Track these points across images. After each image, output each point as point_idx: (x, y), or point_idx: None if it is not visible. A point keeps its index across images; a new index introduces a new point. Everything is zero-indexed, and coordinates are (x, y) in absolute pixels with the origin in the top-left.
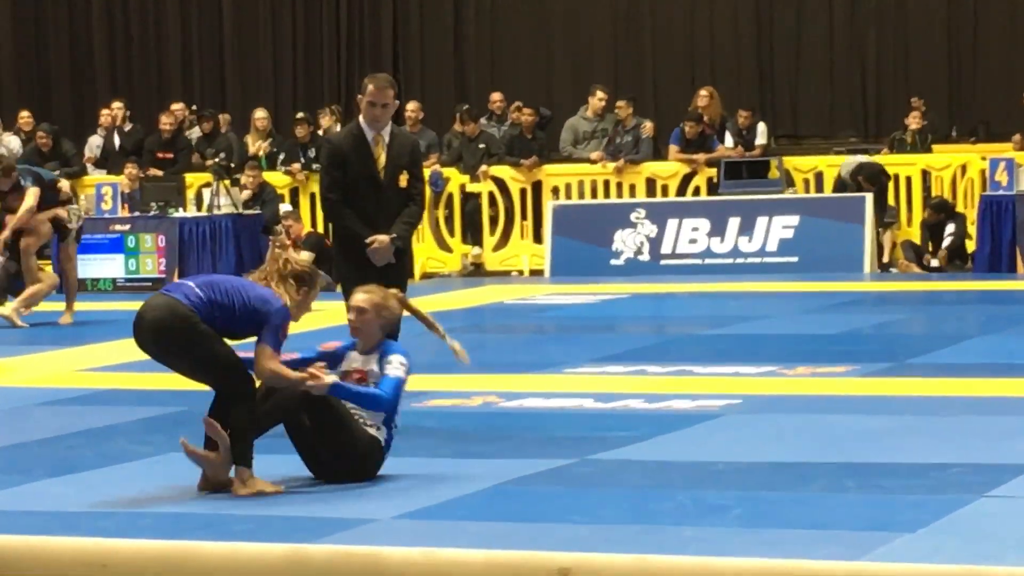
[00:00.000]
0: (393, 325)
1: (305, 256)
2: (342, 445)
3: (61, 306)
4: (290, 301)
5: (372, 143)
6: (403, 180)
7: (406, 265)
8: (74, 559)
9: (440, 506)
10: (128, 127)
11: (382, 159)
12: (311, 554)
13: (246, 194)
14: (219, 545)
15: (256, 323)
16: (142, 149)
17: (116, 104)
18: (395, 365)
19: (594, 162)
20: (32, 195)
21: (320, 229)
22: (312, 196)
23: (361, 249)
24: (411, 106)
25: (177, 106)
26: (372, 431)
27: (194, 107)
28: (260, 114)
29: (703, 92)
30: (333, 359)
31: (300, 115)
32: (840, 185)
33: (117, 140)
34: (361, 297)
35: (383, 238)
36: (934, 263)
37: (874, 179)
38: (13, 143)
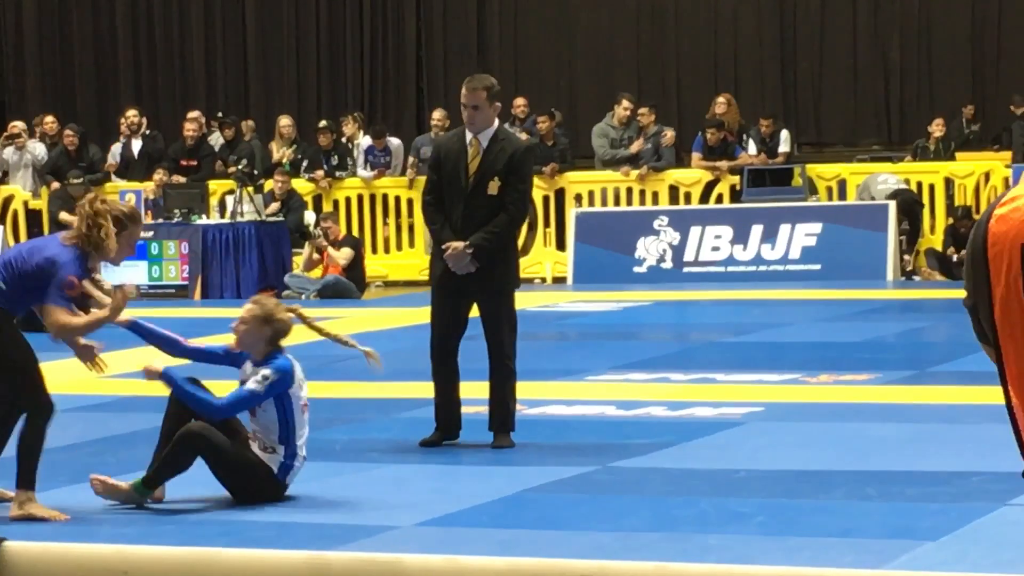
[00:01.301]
0: (283, 336)
1: (345, 252)
2: (226, 473)
3: None
4: (104, 243)
5: (468, 147)
6: (493, 187)
7: (497, 274)
8: (96, 566)
9: (461, 513)
10: (147, 134)
11: (474, 164)
12: (332, 561)
13: (274, 206)
14: (241, 552)
15: (45, 282)
16: (162, 156)
17: (131, 112)
18: (257, 378)
19: (626, 172)
20: None
21: (355, 232)
22: (335, 203)
23: None
24: (437, 114)
25: (199, 113)
26: (263, 454)
27: (219, 114)
28: (285, 121)
29: (721, 99)
30: (237, 360)
31: (323, 123)
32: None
33: (136, 147)
34: (246, 307)
35: (456, 245)
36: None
37: (909, 209)
38: (38, 150)
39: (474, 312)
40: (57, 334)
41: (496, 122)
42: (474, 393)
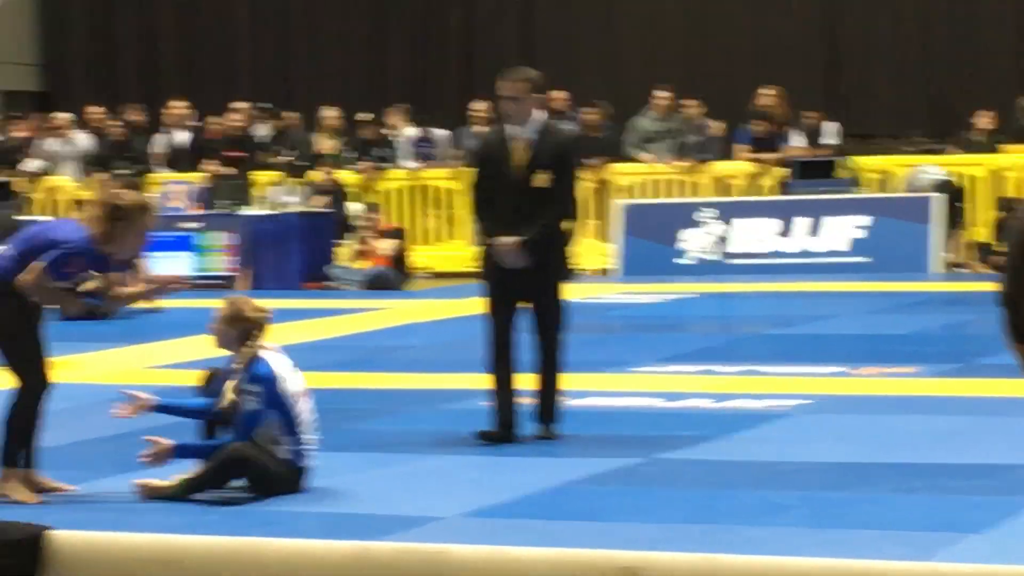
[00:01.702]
0: (254, 333)
1: (390, 243)
2: (264, 487)
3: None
4: (107, 234)
5: (510, 140)
6: (541, 180)
7: (548, 267)
8: (141, 555)
9: (506, 504)
10: (192, 125)
11: (520, 157)
12: (378, 551)
13: (321, 200)
14: (287, 542)
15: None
16: (206, 148)
17: (179, 103)
18: (250, 398)
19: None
20: None
21: (400, 223)
22: (380, 194)
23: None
24: (479, 106)
25: (245, 105)
26: (283, 453)
27: (259, 105)
28: (330, 112)
29: (768, 92)
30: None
31: (366, 116)
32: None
33: (182, 138)
34: (214, 310)
35: (505, 240)
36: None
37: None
38: (84, 141)
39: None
40: (25, 289)
41: (541, 115)
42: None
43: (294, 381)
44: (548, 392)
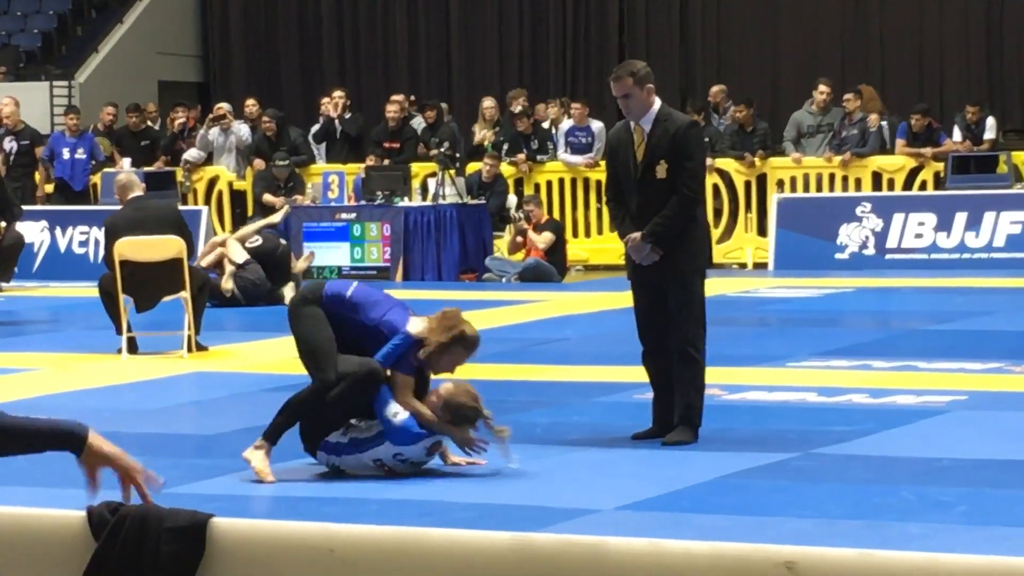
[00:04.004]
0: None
1: (546, 236)
2: None
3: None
4: (434, 345)
5: (633, 135)
6: (661, 170)
7: (679, 259)
8: (302, 543)
9: (662, 498)
10: (347, 117)
11: (640, 151)
12: (536, 542)
13: (493, 203)
14: (445, 532)
15: (378, 342)
16: (362, 138)
17: (337, 93)
18: (389, 412)
19: (828, 158)
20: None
21: (556, 217)
22: (536, 186)
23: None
24: None
25: (402, 96)
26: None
27: (411, 97)
28: (488, 103)
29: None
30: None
31: (520, 108)
32: None
33: (338, 129)
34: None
35: (634, 236)
36: None
37: None
38: (243, 131)
39: None
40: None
41: (657, 104)
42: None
43: None
44: (682, 392)
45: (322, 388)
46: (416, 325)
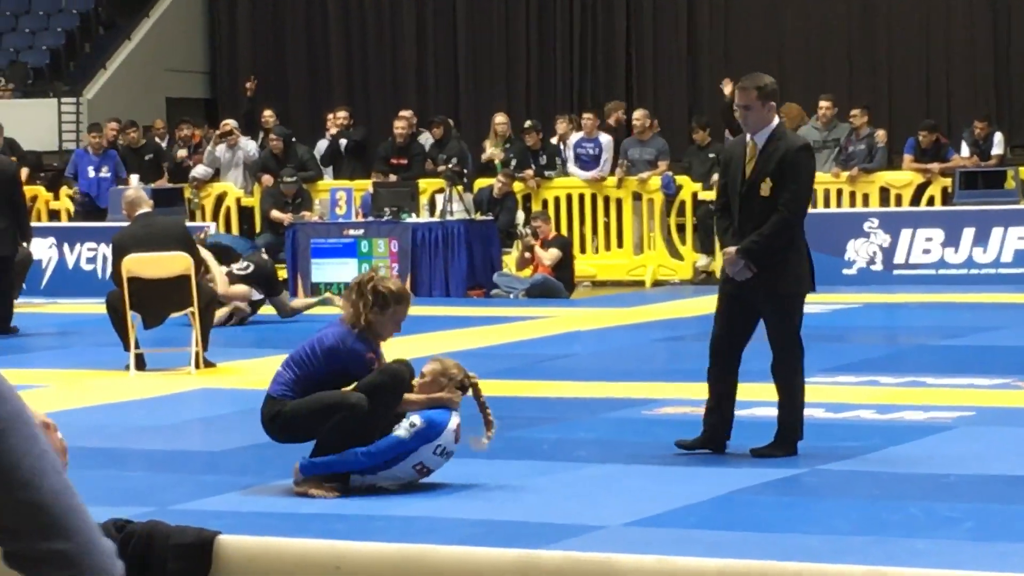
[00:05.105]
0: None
1: (552, 253)
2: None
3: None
4: (365, 319)
5: (747, 149)
6: (765, 188)
7: (774, 279)
8: (308, 561)
9: (669, 514)
10: (350, 131)
11: (750, 166)
12: (543, 559)
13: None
14: (451, 549)
15: (343, 373)
16: (367, 145)
17: (341, 113)
18: (403, 426)
19: (836, 174)
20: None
21: (564, 232)
22: (544, 202)
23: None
24: (636, 114)
25: (410, 113)
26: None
27: (408, 114)
28: (500, 119)
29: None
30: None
31: (529, 123)
32: None
33: (343, 146)
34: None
35: (727, 249)
36: None
37: None
38: (250, 147)
39: None
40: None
41: (775, 122)
42: (674, 394)
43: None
44: (783, 410)
45: (357, 412)
46: (340, 319)
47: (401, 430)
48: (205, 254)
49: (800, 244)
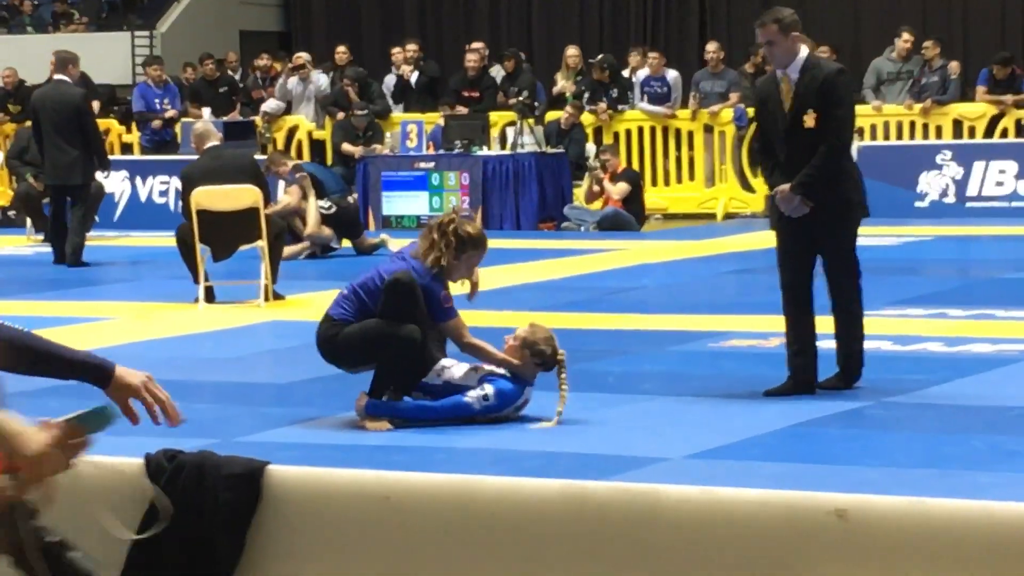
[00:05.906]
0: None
1: (621, 187)
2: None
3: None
4: (444, 260)
5: (779, 83)
6: (809, 120)
7: (829, 209)
8: (357, 490)
9: (732, 446)
10: (422, 65)
11: (788, 100)
12: (589, 490)
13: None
14: (497, 479)
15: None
16: (435, 88)
17: (410, 47)
18: (475, 394)
19: (908, 106)
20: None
21: (635, 165)
22: (615, 135)
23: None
24: (711, 47)
25: (481, 45)
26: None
27: (502, 50)
28: (572, 51)
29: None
30: None
31: (597, 58)
32: None
33: (414, 79)
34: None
35: (780, 188)
36: None
37: None
38: (322, 80)
39: None
40: (465, 348)
41: (804, 52)
42: (742, 327)
43: None
44: (842, 341)
45: (410, 343)
46: (412, 254)
47: (471, 398)
48: (307, 188)
49: (851, 168)
